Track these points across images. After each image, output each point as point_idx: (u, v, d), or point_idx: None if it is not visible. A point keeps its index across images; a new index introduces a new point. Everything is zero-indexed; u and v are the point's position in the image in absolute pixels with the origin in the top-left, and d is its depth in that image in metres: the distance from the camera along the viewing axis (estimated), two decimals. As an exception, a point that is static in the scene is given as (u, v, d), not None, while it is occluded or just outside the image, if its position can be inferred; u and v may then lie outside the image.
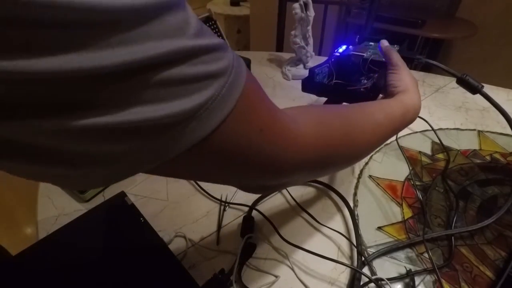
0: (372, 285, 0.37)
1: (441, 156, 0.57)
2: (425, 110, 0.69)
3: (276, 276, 0.39)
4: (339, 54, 0.52)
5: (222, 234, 0.44)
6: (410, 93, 0.39)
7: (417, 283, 0.38)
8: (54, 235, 0.40)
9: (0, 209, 1.44)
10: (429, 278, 0.39)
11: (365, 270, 0.39)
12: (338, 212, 0.47)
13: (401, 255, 0.41)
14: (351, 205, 0.47)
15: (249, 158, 0.20)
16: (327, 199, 0.49)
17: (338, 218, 0.46)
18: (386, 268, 0.40)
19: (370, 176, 0.53)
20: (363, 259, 0.40)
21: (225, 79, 0.16)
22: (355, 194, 0.50)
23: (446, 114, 0.68)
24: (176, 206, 0.47)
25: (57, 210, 0.46)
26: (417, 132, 0.62)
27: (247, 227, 0.43)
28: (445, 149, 0.58)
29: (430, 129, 0.61)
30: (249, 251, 0.41)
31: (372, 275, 0.38)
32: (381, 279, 0.37)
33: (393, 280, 0.38)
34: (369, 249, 0.42)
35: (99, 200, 0.47)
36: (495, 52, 1.73)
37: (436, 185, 0.51)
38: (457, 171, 0.54)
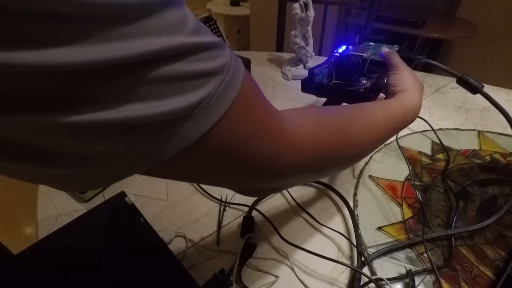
0: (372, 285, 0.37)
1: (441, 156, 0.57)
2: (425, 110, 0.69)
3: (276, 276, 0.39)
4: (339, 54, 0.52)
5: (222, 234, 0.44)
6: (410, 93, 0.39)
7: (417, 283, 0.38)
8: (54, 235, 0.40)
9: (0, 209, 1.44)
10: (429, 278, 0.39)
11: (365, 270, 0.39)
12: (338, 212, 0.47)
13: (401, 255, 0.41)
14: (351, 205, 0.47)
15: (246, 159, 0.20)
16: (327, 199, 0.49)
17: (338, 218, 0.46)
18: (386, 268, 0.40)
19: (370, 176, 0.53)
20: (363, 259, 0.40)
21: (222, 77, 0.16)
22: (355, 194, 0.50)
23: (446, 114, 0.68)
24: (176, 206, 0.48)
25: (57, 210, 0.46)
26: (417, 132, 0.62)
27: (247, 227, 0.43)
28: (445, 149, 0.58)
29: (430, 129, 0.61)
30: (249, 251, 0.41)
31: (372, 275, 0.38)
32: (381, 279, 0.37)
33: (393, 280, 0.38)
34: (369, 249, 0.42)
35: (99, 200, 0.47)
36: (495, 52, 1.73)
37: (436, 185, 0.51)
38: (457, 171, 0.54)
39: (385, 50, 0.47)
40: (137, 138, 0.15)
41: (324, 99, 0.51)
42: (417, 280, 0.38)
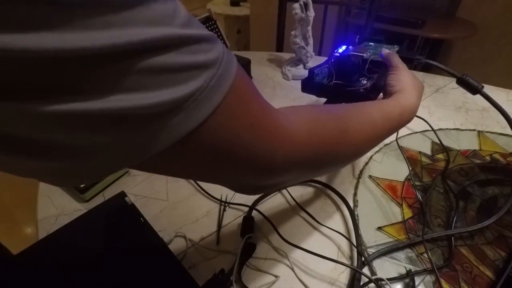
0: (372, 285, 0.37)
1: (441, 156, 0.57)
2: (425, 110, 0.69)
3: (276, 276, 0.39)
4: (339, 55, 0.52)
5: (222, 234, 0.44)
6: (407, 93, 0.39)
7: (417, 283, 0.38)
8: (54, 235, 0.40)
9: (0, 209, 1.44)
10: (429, 278, 0.39)
11: (365, 270, 0.39)
12: (338, 212, 0.47)
13: (401, 255, 0.41)
14: (351, 205, 0.47)
15: (240, 154, 0.20)
16: (327, 199, 0.49)
17: (338, 218, 0.46)
18: (386, 268, 0.40)
19: (370, 176, 0.53)
20: (363, 259, 0.40)
21: (214, 71, 0.16)
22: (355, 194, 0.50)
23: (446, 114, 0.68)
24: (176, 206, 0.48)
25: (57, 210, 0.46)
26: (417, 132, 0.62)
27: (247, 227, 0.43)
28: (445, 149, 0.58)
29: (430, 129, 0.61)
30: (249, 251, 0.41)
31: (372, 275, 0.38)
32: (381, 279, 0.37)
33: (393, 280, 0.38)
34: (369, 249, 0.42)
35: (99, 200, 0.47)
36: (495, 52, 1.73)
37: (436, 185, 0.51)
38: (457, 171, 0.54)
39: (385, 51, 0.47)
40: (126, 130, 0.14)
41: (324, 99, 0.51)
42: (417, 280, 0.38)
